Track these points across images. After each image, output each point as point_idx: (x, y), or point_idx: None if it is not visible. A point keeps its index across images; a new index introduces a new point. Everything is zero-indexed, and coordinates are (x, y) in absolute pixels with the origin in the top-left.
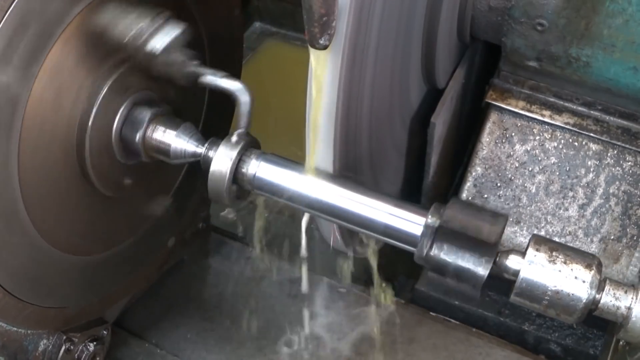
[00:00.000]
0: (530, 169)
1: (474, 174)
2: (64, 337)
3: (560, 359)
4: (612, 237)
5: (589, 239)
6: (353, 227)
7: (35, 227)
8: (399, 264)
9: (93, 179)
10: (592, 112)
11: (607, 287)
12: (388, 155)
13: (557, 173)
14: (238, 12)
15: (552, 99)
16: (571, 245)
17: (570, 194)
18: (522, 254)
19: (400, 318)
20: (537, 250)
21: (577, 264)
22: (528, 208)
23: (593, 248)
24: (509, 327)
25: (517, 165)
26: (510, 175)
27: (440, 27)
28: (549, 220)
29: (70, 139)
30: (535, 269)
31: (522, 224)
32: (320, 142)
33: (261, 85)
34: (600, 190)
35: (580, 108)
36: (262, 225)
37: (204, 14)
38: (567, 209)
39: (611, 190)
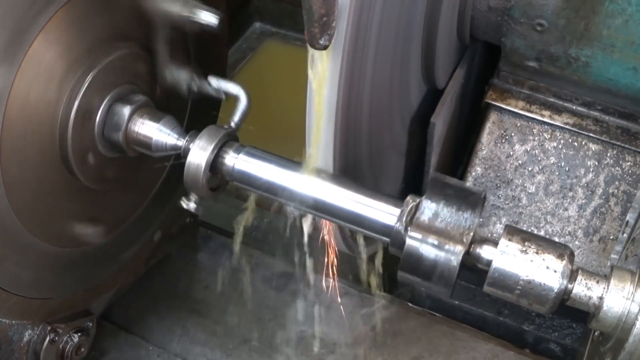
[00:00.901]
0: (529, 169)
1: (473, 174)
2: (49, 328)
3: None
4: (612, 237)
5: (588, 239)
6: (329, 218)
7: (19, 219)
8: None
9: (76, 171)
10: (591, 112)
11: (579, 277)
12: (388, 155)
13: (557, 173)
14: (223, 7)
15: (551, 99)
16: (570, 245)
17: (570, 194)
18: (495, 244)
19: (385, 312)
20: (510, 240)
21: (549, 254)
22: (528, 208)
23: (592, 248)
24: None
25: (516, 165)
26: (510, 175)
27: (440, 27)
28: (548, 220)
29: (53, 132)
30: (508, 259)
31: (521, 224)
32: (320, 142)
33: (261, 85)
34: (599, 190)
35: (579, 108)
36: (249, 220)
37: None
38: (566, 209)
39: (610, 190)
